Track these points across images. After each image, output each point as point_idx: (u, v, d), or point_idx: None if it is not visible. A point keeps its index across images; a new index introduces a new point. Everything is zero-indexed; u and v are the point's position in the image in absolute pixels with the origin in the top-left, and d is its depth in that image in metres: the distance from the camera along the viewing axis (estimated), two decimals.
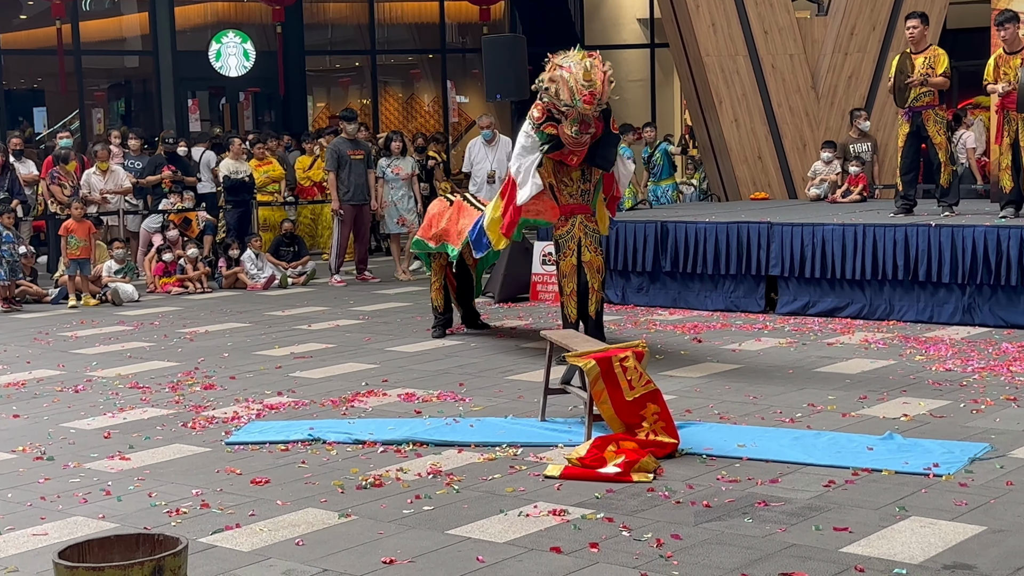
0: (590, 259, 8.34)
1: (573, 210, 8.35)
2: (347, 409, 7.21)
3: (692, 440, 6.10)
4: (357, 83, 23.47)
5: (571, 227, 8.34)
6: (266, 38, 21.07)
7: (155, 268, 13.18)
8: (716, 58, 14.72)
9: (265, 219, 14.91)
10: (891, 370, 7.95)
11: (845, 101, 14.70)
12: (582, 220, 8.38)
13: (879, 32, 14.67)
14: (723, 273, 10.78)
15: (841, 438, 6.14)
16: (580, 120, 7.96)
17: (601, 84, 7.87)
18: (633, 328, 10.00)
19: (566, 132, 8.04)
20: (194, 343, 9.81)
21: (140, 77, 21.58)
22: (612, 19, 23.12)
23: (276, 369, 8.56)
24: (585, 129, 8.04)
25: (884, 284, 10.00)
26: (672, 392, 7.28)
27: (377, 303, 11.90)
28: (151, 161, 14.88)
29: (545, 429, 6.51)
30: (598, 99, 7.86)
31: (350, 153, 13.40)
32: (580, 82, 7.88)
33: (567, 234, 8.34)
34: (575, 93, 7.87)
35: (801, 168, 14.56)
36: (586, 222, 8.38)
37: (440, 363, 8.66)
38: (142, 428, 6.84)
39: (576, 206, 8.36)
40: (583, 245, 8.33)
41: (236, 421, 6.93)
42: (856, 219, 10.47)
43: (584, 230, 8.35)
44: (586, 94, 7.87)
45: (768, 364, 8.28)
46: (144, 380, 8.25)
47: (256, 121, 21.29)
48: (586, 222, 8.38)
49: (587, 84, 7.88)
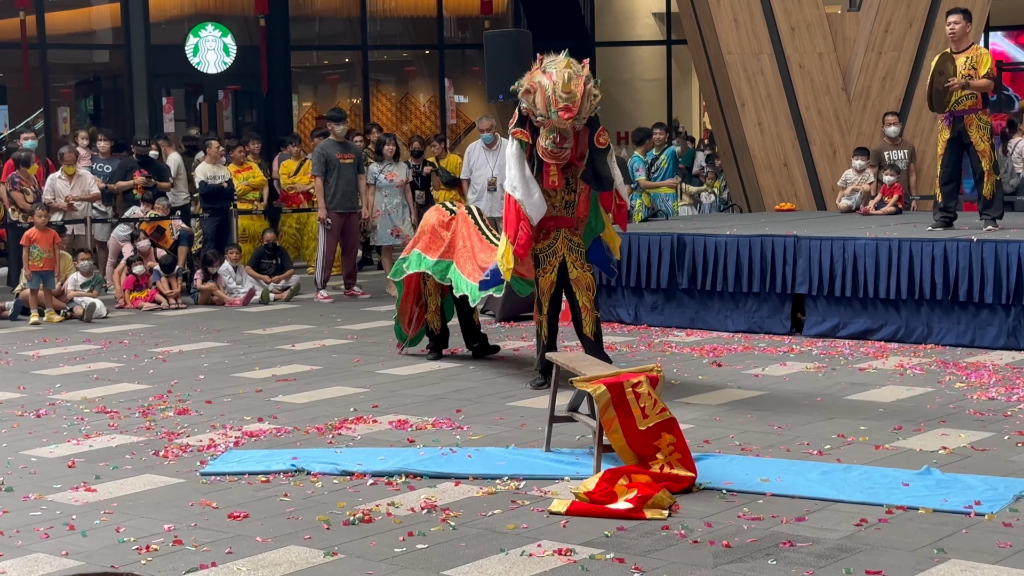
0: (577, 276, 8.35)
1: (556, 223, 8.35)
2: (334, 437, 7.20)
3: (711, 473, 6.10)
4: (347, 81, 23.51)
5: (553, 241, 8.35)
6: (248, 32, 21.11)
7: (124, 281, 13.19)
8: (739, 56, 14.75)
9: (245, 229, 14.93)
10: (929, 398, 7.94)
11: (879, 104, 14.73)
12: (566, 234, 8.37)
13: (916, 29, 14.71)
14: (745, 291, 10.79)
15: (874, 473, 6.13)
16: (557, 132, 7.96)
17: (580, 98, 7.85)
18: (647, 351, 10.00)
19: (540, 143, 8.05)
20: (167, 364, 9.81)
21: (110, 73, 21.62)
22: (625, 13, 23.17)
23: (256, 393, 8.56)
24: (562, 143, 8.03)
25: (921, 304, 10.00)
26: (689, 421, 7.28)
27: (367, 321, 11.90)
28: (121, 165, 14.90)
29: (550, 460, 6.50)
30: (577, 114, 7.85)
31: (339, 156, 13.43)
32: (558, 93, 7.87)
33: (548, 248, 8.36)
34: (551, 104, 7.88)
35: (831, 177, 14.58)
36: (570, 236, 8.38)
37: (435, 387, 8.65)
38: (109, 457, 6.84)
39: (559, 218, 8.35)
40: (568, 262, 8.33)
41: (212, 450, 6.93)
42: (891, 233, 10.48)
43: (568, 245, 8.36)
44: (562, 106, 7.87)
45: (794, 391, 8.28)
46: (112, 404, 8.25)
47: (236, 122, 21.33)
48: (570, 236, 8.38)
49: (565, 96, 7.87)
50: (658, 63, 22.91)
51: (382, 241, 13.95)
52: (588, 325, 8.34)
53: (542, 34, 19.95)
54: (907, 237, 10.15)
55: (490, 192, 13.42)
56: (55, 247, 12.52)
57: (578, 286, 8.35)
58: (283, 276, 13.97)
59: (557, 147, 8.04)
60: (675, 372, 8.96)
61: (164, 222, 14.10)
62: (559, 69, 7.97)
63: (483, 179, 13.51)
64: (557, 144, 8.03)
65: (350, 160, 13.52)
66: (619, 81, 23.11)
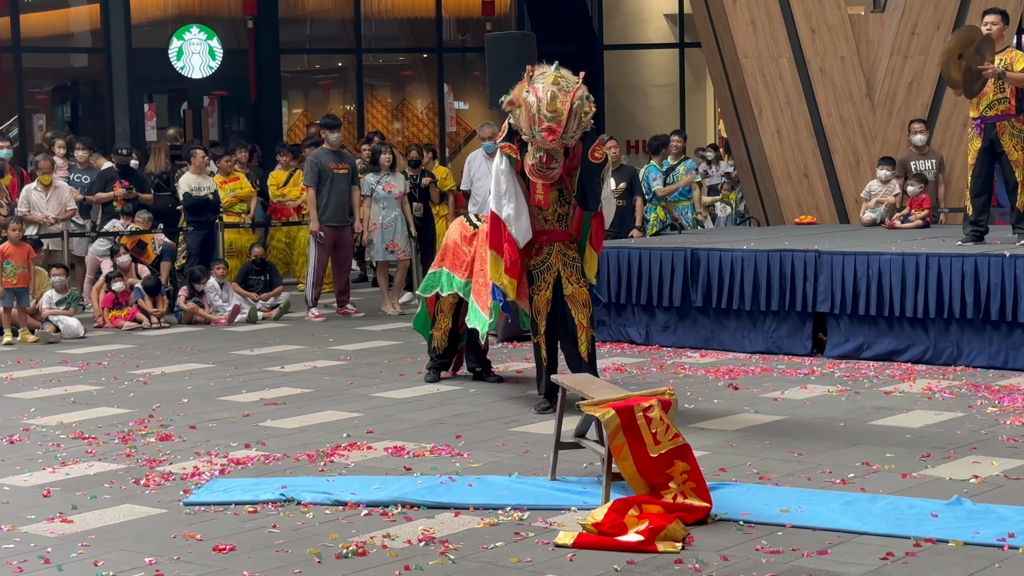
0: (573, 292, 8.36)
1: (550, 237, 8.36)
2: (325, 464, 7.20)
3: (727, 504, 6.09)
4: (340, 86, 23.56)
5: (547, 256, 8.34)
6: (235, 34, 21.18)
7: (103, 299, 13.20)
8: (756, 60, 14.78)
9: (232, 243, 14.95)
10: (959, 424, 7.93)
11: (905, 111, 14.74)
12: (560, 248, 8.37)
13: (944, 31, 14.72)
14: (763, 309, 10.79)
15: (901, 503, 6.12)
16: (544, 152, 7.95)
17: (567, 117, 7.81)
18: (658, 373, 9.99)
19: (527, 161, 8.05)
20: (148, 387, 9.81)
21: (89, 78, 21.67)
22: (635, 14, 23.23)
23: (243, 418, 8.56)
24: (548, 163, 8.02)
25: (951, 323, 9.99)
26: (704, 447, 7.27)
27: (361, 341, 11.91)
28: (101, 175, 14.93)
29: (556, 490, 6.49)
30: (563, 134, 7.82)
31: (332, 166, 13.45)
32: (543, 111, 7.85)
33: (541, 264, 8.35)
34: (535, 123, 7.86)
35: (854, 188, 14.59)
36: (565, 250, 8.38)
37: (434, 411, 8.65)
38: (87, 485, 6.83)
39: (552, 232, 8.36)
40: (563, 277, 8.35)
41: (196, 478, 6.92)
42: (918, 248, 10.48)
43: (563, 259, 8.36)
44: (546, 127, 7.84)
45: (815, 416, 8.27)
46: (90, 429, 8.25)
47: (223, 129, 21.38)
48: (565, 250, 8.38)
49: (550, 115, 7.84)
50: (670, 68, 22.96)
51: (378, 256, 13.95)
52: (583, 344, 8.36)
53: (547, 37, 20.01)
54: (935, 252, 10.15)
55: None
56: (30, 263, 12.53)
57: (574, 302, 8.36)
58: (272, 293, 13.98)
59: (543, 167, 8.04)
60: (689, 395, 8.95)
61: (146, 236, 14.11)
62: (546, 84, 7.92)
63: (484, 190, 13.48)
64: (543, 164, 8.02)
65: (344, 170, 13.54)
66: (628, 87, 23.15)
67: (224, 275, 13.70)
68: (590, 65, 22.64)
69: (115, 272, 13.31)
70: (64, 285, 12.96)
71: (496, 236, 8.35)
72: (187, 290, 13.45)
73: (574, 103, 7.91)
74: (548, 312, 8.41)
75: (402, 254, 13.90)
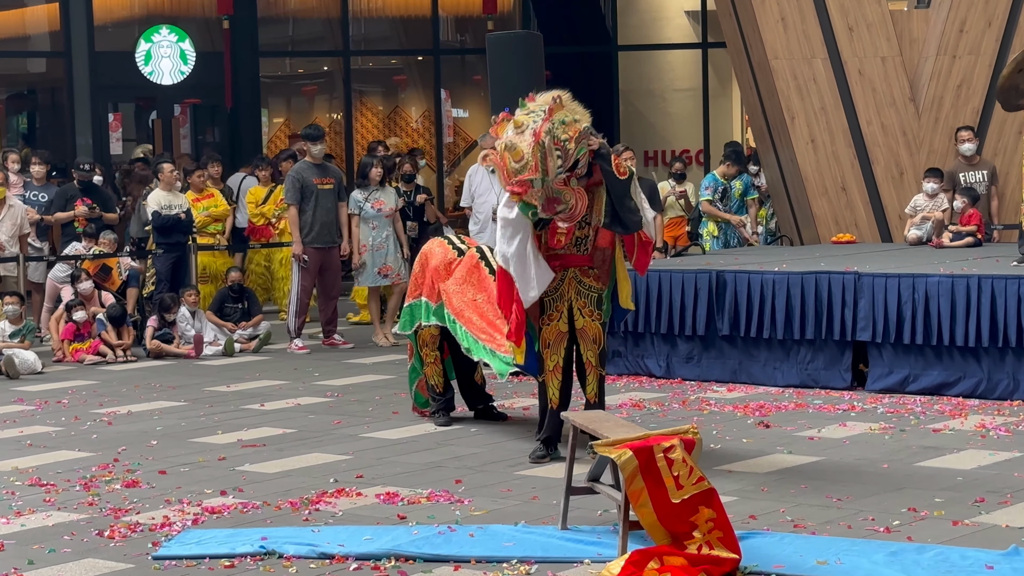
0: (584, 326, 8.26)
1: (564, 262, 8.26)
2: (310, 513, 7.19)
3: (758, 555, 6.07)
4: (325, 93, 23.61)
5: (559, 283, 8.24)
6: (210, 36, 21.25)
7: (63, 330, 13.21)
8: (787, 62, 14.80)
9: (205, 267, 14.97)
10: (1016, 465, 7.91)
11: (953, 117, 14.76)
12: (575, 275, 8.27)
13: (996, 29, 14.75)
14: (797, 338, 10.78)
15: (952, 554, 6.11)
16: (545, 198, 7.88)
17: (535, 159, 7.67)
18: (680, 409, 9.99)
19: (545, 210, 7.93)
20: (113, 427, 9.81)
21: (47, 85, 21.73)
22: (653, 12, 23.29)
23: (219, 461, 8.55)
24: (552, 209, 7.94)
25: (1006, 353, 9.98)
26: (732, 492, 7.26)
27: (349, 375, 11.91)
28: (60, 193, 14.96)
29: (567, 540, 6.48)
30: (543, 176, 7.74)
31: (316, 182, 13.47)
32: (509, 164, 7.79)
33: (553, 292, 8.23)
34: (506, 178, 7.82)
35: (897, 203, 14.60)
36: (580, 277, 8.26)
37: (431, 453, 8.64)
38: (45, 538, 6.82)
39: (568, 257, 8.25)
40: (576, 308, 8.25)
41: (167, 529, 6.91)
42: (969, 269, 10.48)
43: (577, 288, 8.26)
44: (515, 182, 7.75)
45: (856, 457, 8.26)
46: (48, 476, 8.24)
47: (195, 141, 21.43)
48: (580, 277, 8.26)
49: (516, 166, 7.76)
50: (692, 70, 22.99)
51: (368, 282, 13.90)
52: (591, 385, 8.30)
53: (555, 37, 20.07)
54: (988, 274, 10.15)
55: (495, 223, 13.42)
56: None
57: (583, 337, 8.29)
58: (251, 323, 13.99)
59: (549, 213, 7.96)
60: (715, 434, 8.94)
61: (110, 260, 14.13)
62: (508, 127, 7.82)
63: (487, 207, 13.51)
64: (546, 211, 7.94)
65: (329, 186, 13.56)
66: (646, 91, 23.18)
67: (196, 303, 13.70)
68: (603, 68, 22.78)
69: (76, 300, 13.32)
70: (19, 315, 12.98)
71: (504, 295, 8.22)
72: (156, 320, 13.45)
73: (542, 140, 7.72)
74: (562, 346, 8.31)
75: (396, 278, 13.89)
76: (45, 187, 15.27)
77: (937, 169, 13.76)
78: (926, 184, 13.52)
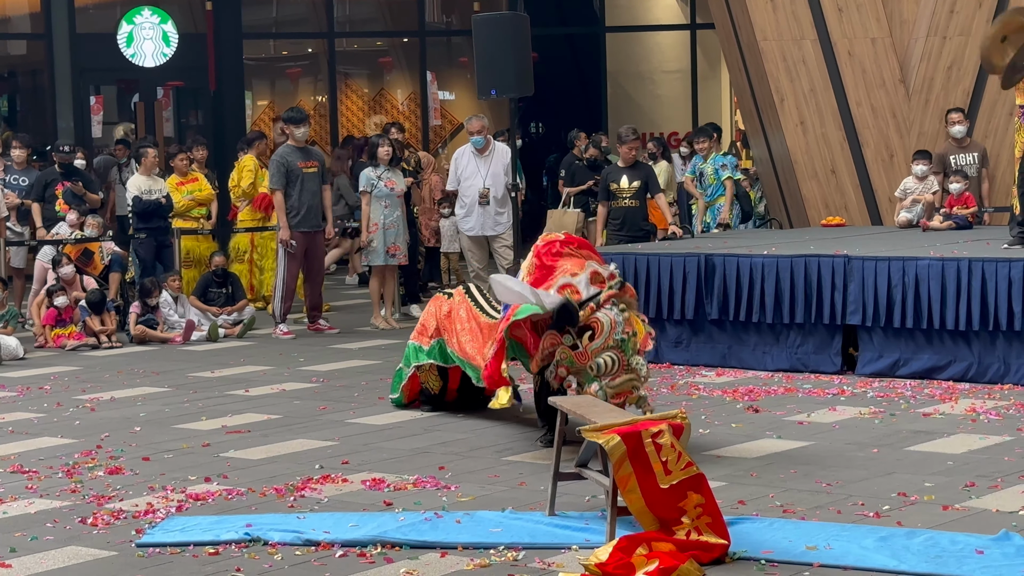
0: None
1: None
2: (295, 500, 7.19)
3: (747, 540, 6.08)
4: (310, 75, 23.58)
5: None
6: (192, 17, 21.20)
7: (45, 315, 13.18)
8: (776, 43, 14.80)
9: (189, 252, 14.94)
10: (1007, 448, 7.93)
11: (943, 98, 14.78)
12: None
13: (987, 10, 14.76)
14: (787, 322, 10.79)
15: (942, 538, 6.12)
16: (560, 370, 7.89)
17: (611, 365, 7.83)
18: (669, 394, 10.00)
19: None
20: (96, 414, 9.80)
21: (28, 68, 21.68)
22: None
23: (203, 448, 8.55)
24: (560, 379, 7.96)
25: (996, 336, 10.00)
26: (721, 477, 7.27)
27: (335, 360, 11.90)
28: (41, 177, 14.92)
29: (554, 526, 6.49)
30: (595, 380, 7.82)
31: (301, 165, 13.44)
32: (604, 377, 7.89)
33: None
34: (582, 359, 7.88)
35: (887, 186, 14.62)
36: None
37: (417, 439, 8.64)
38: (27, 525, 6.82)
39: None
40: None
41: (150, 516, 6.91)
42: (960, 252, 10.50)
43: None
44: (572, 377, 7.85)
45: (846, 441, 8.27)
46: (30, 463, 8.23)
47: (178, 124, 21.38)
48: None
49: (612, 388, 7.89)
50: (680, 52, 22.99)
51: (378, 260, 13.79)
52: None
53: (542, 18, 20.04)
54: (979, 257, 10.16)
55: (482, 206, 13.43)
56: None
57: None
58: (235, 308, 13.96)
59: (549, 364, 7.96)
60: (704, 419, 8.96)
61: (93, 244, 14.08)
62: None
63: (473, 190, 13.52)
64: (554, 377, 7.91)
65: (314, 169, 13.53)
66: (634, 73, 23.18)
67: (179, 288, 13.67)
68: (591, 49, 22.78)
69: (57, 285, 13.28)
70: (0, 301, 12.95)
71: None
72: (139, 306, 13.41)
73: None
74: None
75: (403, 258, 13.88)
76: (26, 171, 15.24)
77: (927, 152, 13.76)
78: (916, 167, 13.53)
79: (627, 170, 13.00)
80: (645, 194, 13.04)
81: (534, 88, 13.10)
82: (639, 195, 12.99)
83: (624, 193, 12.94)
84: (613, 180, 13.03)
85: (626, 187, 12.92)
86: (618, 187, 12.96)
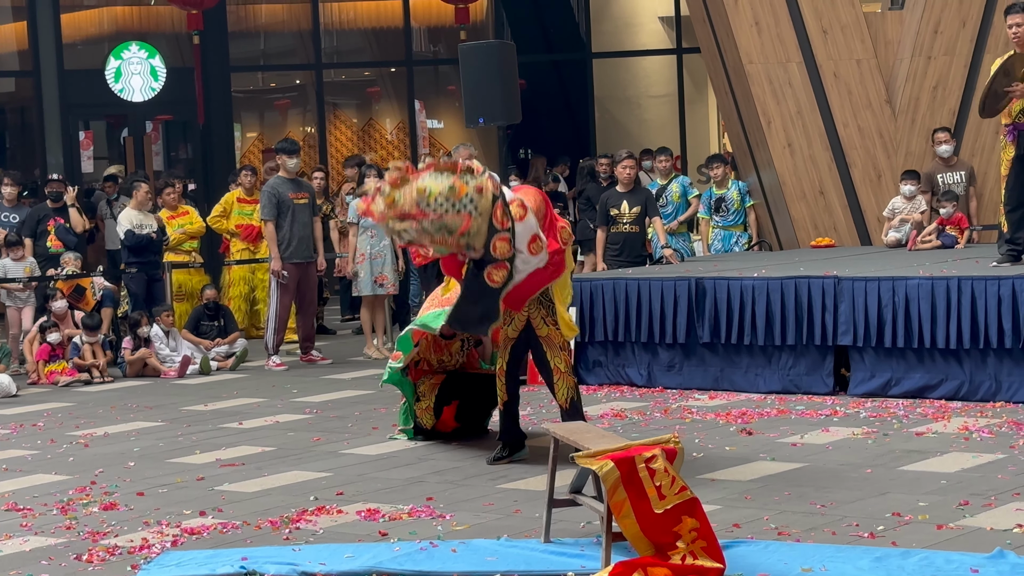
0: (548, 334, 8.49)
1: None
2: (291, 532, 7.18)
3: (742, 563, 6.08)
4: (298, 106, 23.62)
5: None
6: (180, 51, 21.23)
7: (38, 351, 13.17)
8: (762, 66, 14.85)
9: (181, 285, 14.93)
10: (1000, 467, 7.94)
11: (929, 118, 14.81)
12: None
13: (971, 29, 14.81)
14: (778, 344, 10.80)
15: (937, 558, 6.12)
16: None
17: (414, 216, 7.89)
18: (662, 418, 10.00)
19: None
20: (90, 449, 9.79)
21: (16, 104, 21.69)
22: (627, 18, 23.34)
23: (197, 481, 8.54)
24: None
25: (987, 354, 10.01)
26: (715, 501, 7.27)
27: (328, 391, 11.89)
28: (32, 213, 14.92)
29: (550, 553, 6.49)
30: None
31: (292, 196, 13.45)
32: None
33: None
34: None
35: (875, 206, 14.64)
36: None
37: (411, 469, 8.64)
38: (22, 563, 6.80)
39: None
40: (538, 318, 8.47)
41: (146, 551, 6.90)
42: (949, 271, 10.52)
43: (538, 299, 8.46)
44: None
45: (839, 462, 8.27)
46: (24, 500, 8.22)
47: (168, 158, 21.40)
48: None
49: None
50: (667, 76, 23.06)
51: (366, 290, 13.81)
52: (561, 391, 8.49)
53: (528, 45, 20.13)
54: (968, 275, 10.18)
55: None
56: None
57: (549, 345, 8.50)
58: (227, 340, 13.96)
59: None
60: (697, 443, 8.96)
61: (84, 280, 14.08)
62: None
63: None
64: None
65: (304, 200, 13.55)
66: (621, 98, 23.24)
67: (171, 322, 13.67)
68: (578, 75, 22.83)
69: (50, 322, 13.27)
70: None
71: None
72: (130, 341, 13.41)
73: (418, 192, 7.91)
74: (507, 350, 8.55)
75: (392, 288, 13.89)
76: (16, 208, 15.22)
77: (914, 171, 13.80)
78: (904, 186, 13.57)
79: (627, 195, 13.03)
80: (644, 219, 13.07)
81: (522, 115, 13.15)
82: (639, 220, 13.02)
83: (624, 219, 12.97)
84: (613, 205, 13.06)
85: (626, 212, 12.95)
86: (618, 212, 12.99)
